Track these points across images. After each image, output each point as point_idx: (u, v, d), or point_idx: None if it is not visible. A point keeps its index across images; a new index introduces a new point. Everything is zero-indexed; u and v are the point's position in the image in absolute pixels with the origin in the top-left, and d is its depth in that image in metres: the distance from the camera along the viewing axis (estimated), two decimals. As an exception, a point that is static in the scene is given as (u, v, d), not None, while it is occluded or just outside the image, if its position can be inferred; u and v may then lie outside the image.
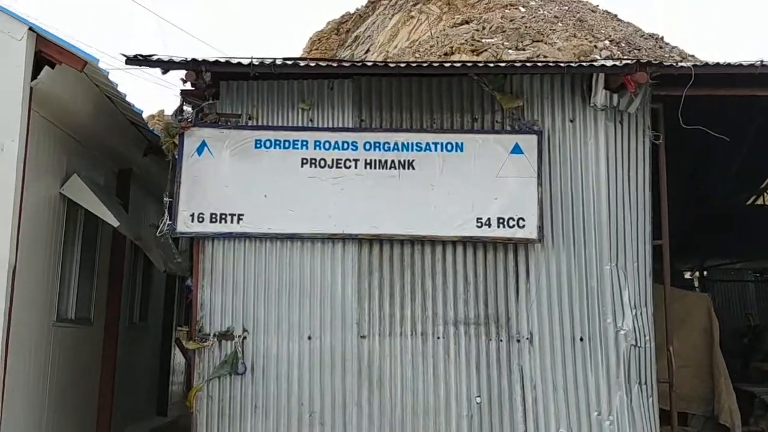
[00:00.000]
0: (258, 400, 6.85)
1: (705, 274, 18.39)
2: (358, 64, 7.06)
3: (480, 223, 6.92)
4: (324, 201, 6.99)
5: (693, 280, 18.52)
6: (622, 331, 6.88)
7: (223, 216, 6.98)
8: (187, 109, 7.21)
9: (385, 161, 7.05)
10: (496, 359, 6.89)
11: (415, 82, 7.26)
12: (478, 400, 6.83)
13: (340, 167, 7.03)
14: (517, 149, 7.03)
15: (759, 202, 14.60)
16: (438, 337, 6.93)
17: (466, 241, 6.98)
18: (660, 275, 7.37)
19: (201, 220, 6.98)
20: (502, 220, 6.93)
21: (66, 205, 8.09)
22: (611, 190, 7.07)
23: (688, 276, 18.50)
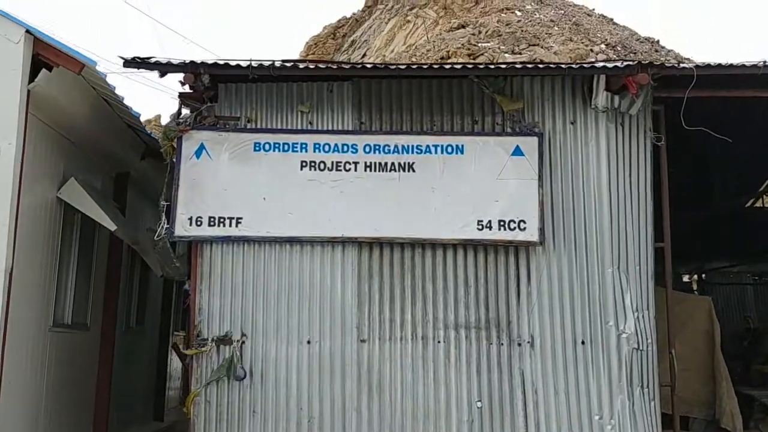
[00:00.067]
0: (257, 405, 6.81)
1: (704, 277, 18.37)
2: (357, 67, 7.02)
3: (481, 226, 6.89)
4: (323, 204, 6.95)
5: (691, 283, 18.49)
6: (624, 335, 6.84)
7: (221, 219, 6.94)
8: (186, 111, 7.17)
9: (385, 164, 7.01)
10: (497, 363, 6.86)
11: (415, 85, 7.23)
12: (479, 404, 6.79)
13: (340, 170, 6.99)
14: (517, 151, 7.00)
15: (758, 205, 14.61)
16: (438, 341, 6.88)
17: (466, 244, 6.94)
18: (660, 278, 7.33)
19: (199, 223, 6.94)
20: (502, 223, 6.89)
21: (63, 209, 8.04)
22: (612, 193, 7.05)
23: (687, 279, 18.48)
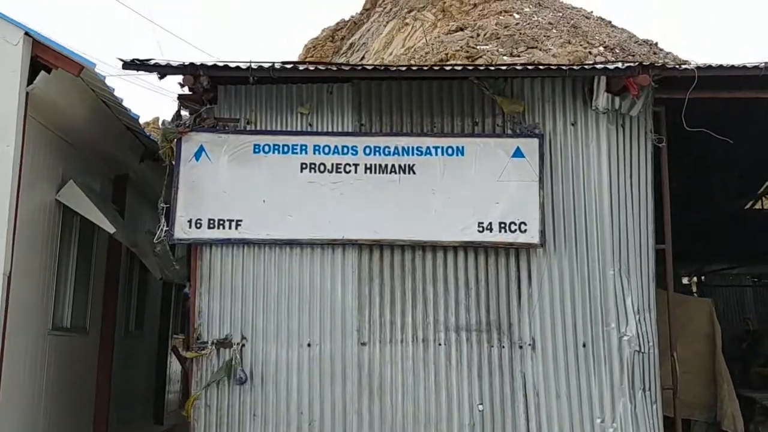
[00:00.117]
0: (257, 409, 6.76)
1: (703, 279, 18.34)
2: (357, 68, 7.00)
3: (481, 228, 6.86)
4: (323, 206, 6.92)
5: (691, 285, 18.46)
6: (626, 337, 6.81)
7: (221, 222, 6.91)
8: (185, 113, 7.14)
9: (386, 166, 6.98)
10: (498, 366, 6.82)
11: (415, 86, 7.20)
12: (480, 407, 6.75)
13: (340, 172, 6.96)
14: (518, 153, 6.97)
15: (757, 207, 14.58)
16: (439, 344, 6.85)
17: (467, 246, 6.91)
18: (661, 280, 7.30)
19: (199, 226, 6.90)
20: (503, 225, 6.86)
21: (61, 211, 8.02)
22: (613, 194, 7.02)
23: (686, 281, 18.45)
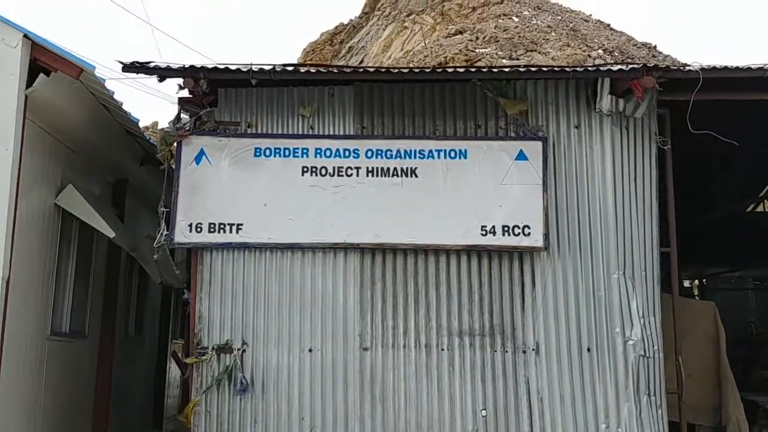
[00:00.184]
0: (258, 415, 6.71)
1: (704, 282, 18.28)
2: (359, 70, 6.94)
3: (485, 231, 6.80)
4: (325, 210, 6.86)
5: (692, 288, 18.40)
6: (631, 341, 6.75)
7: (221, 226, 6.85)
8: (185, 117, 7.09)
9: (388, 169, 6.92)
10: (502, 371, 6.76)
11: (417, 89, 7.15)
12: (484, 413, 6.70)
13: (342, 175, 6.91)
14: (521, 156, 6.92)
15: (759, 209, 14.52)
16: (442, 349, 6.79)
17: (470, 250, 6.86)
18: (664, 283, 7.23)
19: (199, 230, 6.85)
20: (507, 228, 6.81)
21: (61, 216, 7.96)
22: (618, 197, 6.97)
23: (687, 284, 18.38)
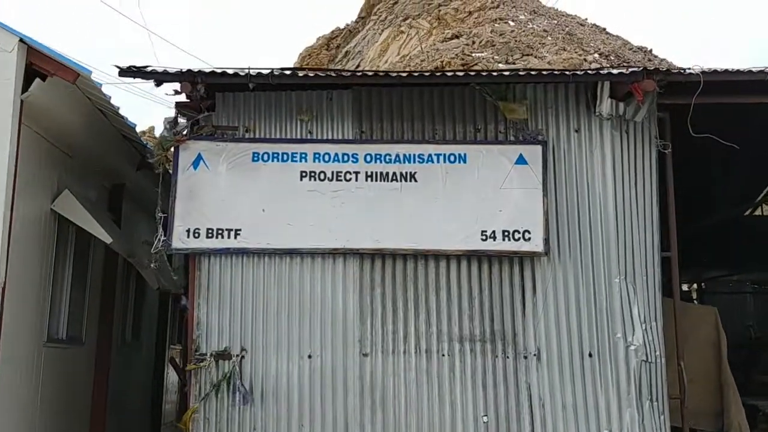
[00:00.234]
0: (257, 422, 6.64)
1: (703, 286, 18.25)
2: (358, 74, 6.89)
3: (485, 236, 6.76)
4: (324, 215, 6.81)
5: (691, 293, 18.37)
6: (633, 347, 6.70)
7: (219, 231, 6.80)
8: (182, 121, 7.04)
9: (387, 173, 6.88)
10: (503, 377, 6.71)
11: (416, 92, 7.11)
12: (485, 419, 6.64)
13: (341, 180, 6.86)
14: (521, 160, 6.88)
15: (757, 213, 14.52)
16: (443, 355, 6.74)
17: (470, 255, 6.81)
18: (665, 288, 7.18)
19: (197, 235, 6.80)
20: (507, 233, 6.76)
21: (57, 221, 7.90)
22: (618, 201, 6.93)
23: (685, 288, 18.35)
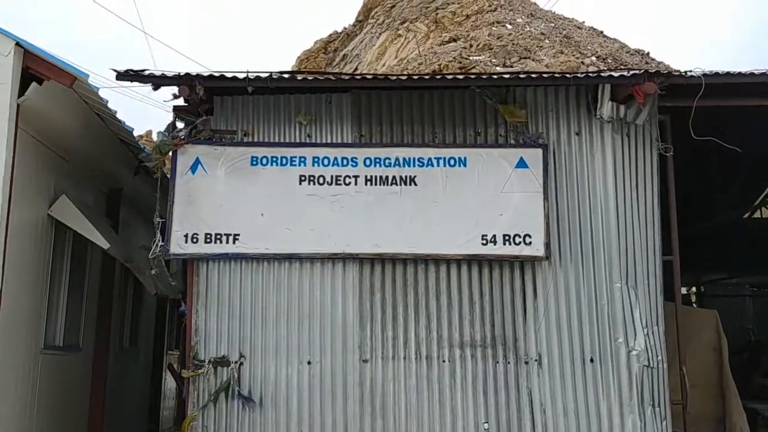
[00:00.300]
0: (256, 429, 6.60)
1: (702, 289, 18.22)
2: (357, 78, 6.85)
3: (485, 241, 6.72)
4: (323, 219, 6.77)
5: (689, 296, 18.33)
6: (634, 352, 6.65)
7: (218, 236, 6.75)
8: (180, 125, 6.99)
9: (386, 177, 6.84)
10: (504, 382, 6.66)
11: (416, 96, 7.08)
12: (486, 426, 6.59)
13: (340, 184, 6.82)
14: (521, 163, 6.84)
15: (755, 216, 14.49)
16: (443, 361, 6.69)
17: (470, 260, 6.76)
18: (665, 291, 7.13)
19: (195, 240, 6.75)
20: (507, 237, 6.72)
21: (54, 226, 7.85)
22: (619, 205, 6.89)
23: (685, 291, 18.31)
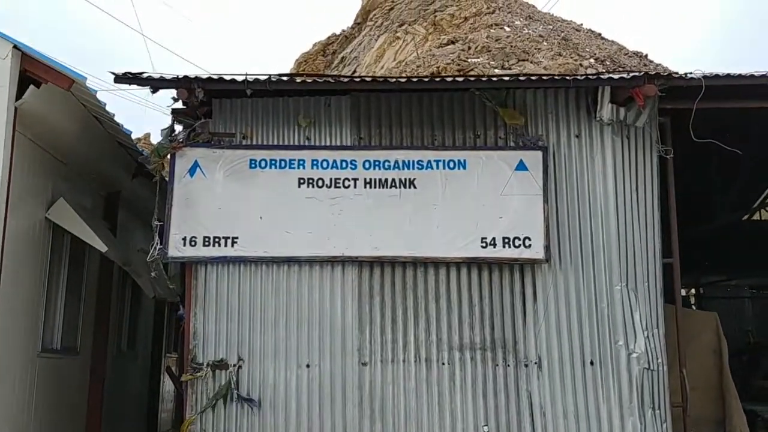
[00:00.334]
0: (254, 432, 6.55)
1: (701, 291, 18.22)
2: (356, 80, 6.83)
3: (485, 243, 6.69)
4: (322, 222, 6.75)
5: (689, 298, 18.33)
6: (634, 354, 6.64)
7: (216, 239, 6.72)
8: (179, 128, 6.96)
9: (386, 180, 6.82)
10: (504, 385, 6.64)
11: (415, 98, 7.06)
12: (486, 429, 6.56)
13: (339, 187, 6.80)
14: (521, 166, 6.82)
15: (755, 218, 14.48)
16: (443, 364, 6.66)
17: (470, 262, 6.74)
18: (665, 293, 7.11)
19: (193, 243, 6.72)
20: (507, 240, 6.70)
21: (52, 230, 7.82)
22: (619, 207, 6.87)
23: (684, 293, 18.31)
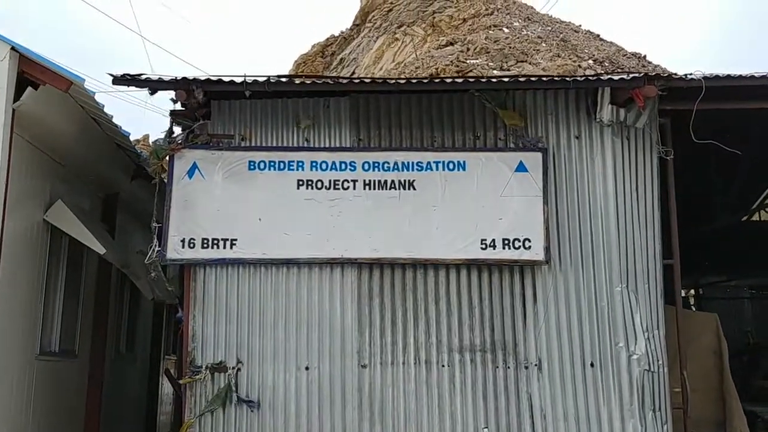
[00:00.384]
0: (253, 435, 6.52)
1: (701, 291, 18.21)
2: (356, 81, 6.80)
3: (484, 245, 6.67)
4: (321, 224, 6.72)
5: (688, 299, 18.33)
6: (635, 356, 6.62)
7: (215, 241, 6.70)
8: (177, 130, 6.94)
9: (385, 182, 6.80)
10: (504, 387, 6.62)
11: (414, 100, 7.03)
12: (486, 431, 6.53)
13: (338, 188, 6.77)
14: (521, 167, 6.80)
15: (754, 219, 14.47)
16: (442, 366, 6.64)
17: (470, 264, 6.72)
18: (667, 295, 7.08)
19: (192, 245, 6.69)
20: (507, 242, 6.68)
21: (50, 232, 7.79)
22: (620, 208, 6.85)
23: (683, 294, 18.29)
